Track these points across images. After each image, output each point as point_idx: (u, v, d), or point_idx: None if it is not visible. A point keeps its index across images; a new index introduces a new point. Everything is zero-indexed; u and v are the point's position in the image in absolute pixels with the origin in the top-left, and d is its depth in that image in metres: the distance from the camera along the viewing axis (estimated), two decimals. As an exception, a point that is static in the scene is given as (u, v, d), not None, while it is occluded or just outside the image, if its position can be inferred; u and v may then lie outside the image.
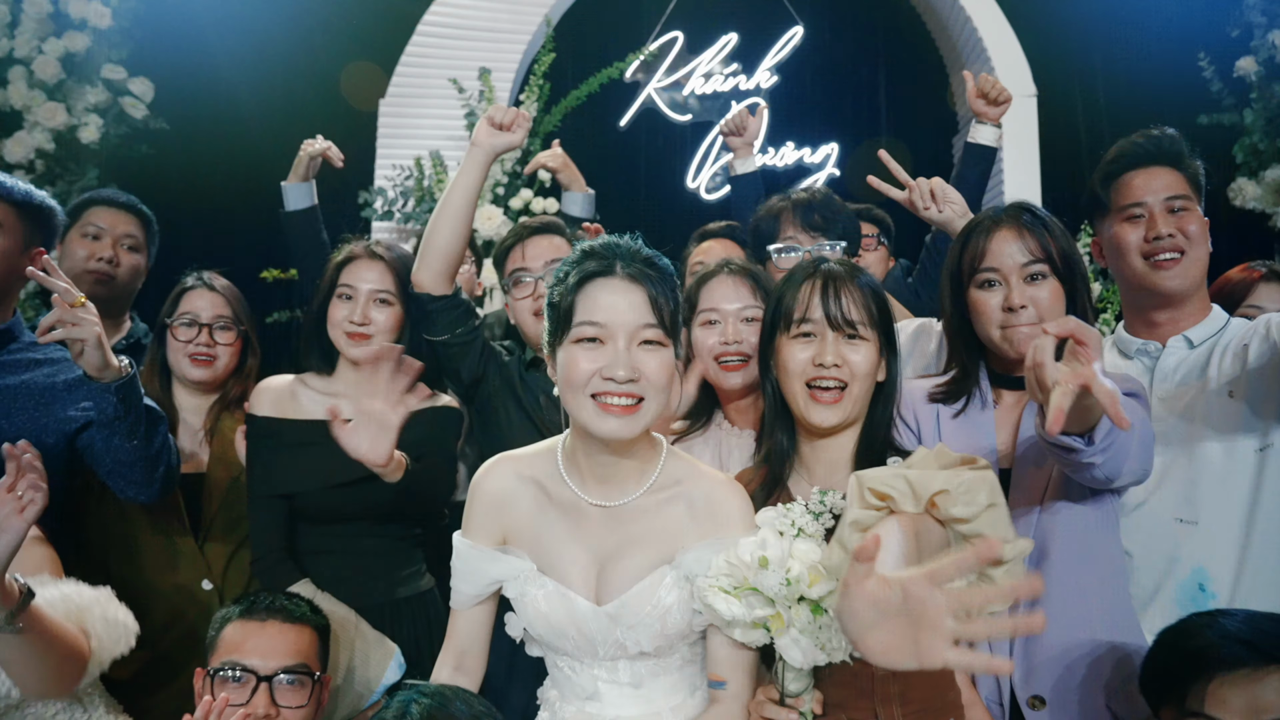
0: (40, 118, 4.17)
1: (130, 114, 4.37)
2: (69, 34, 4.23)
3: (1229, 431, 1.67)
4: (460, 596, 1.57)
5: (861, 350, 1.51)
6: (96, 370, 1.77)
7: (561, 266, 1.48)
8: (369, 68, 4.59)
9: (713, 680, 1.44)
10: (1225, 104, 4.37)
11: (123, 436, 1.82)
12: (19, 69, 4.20)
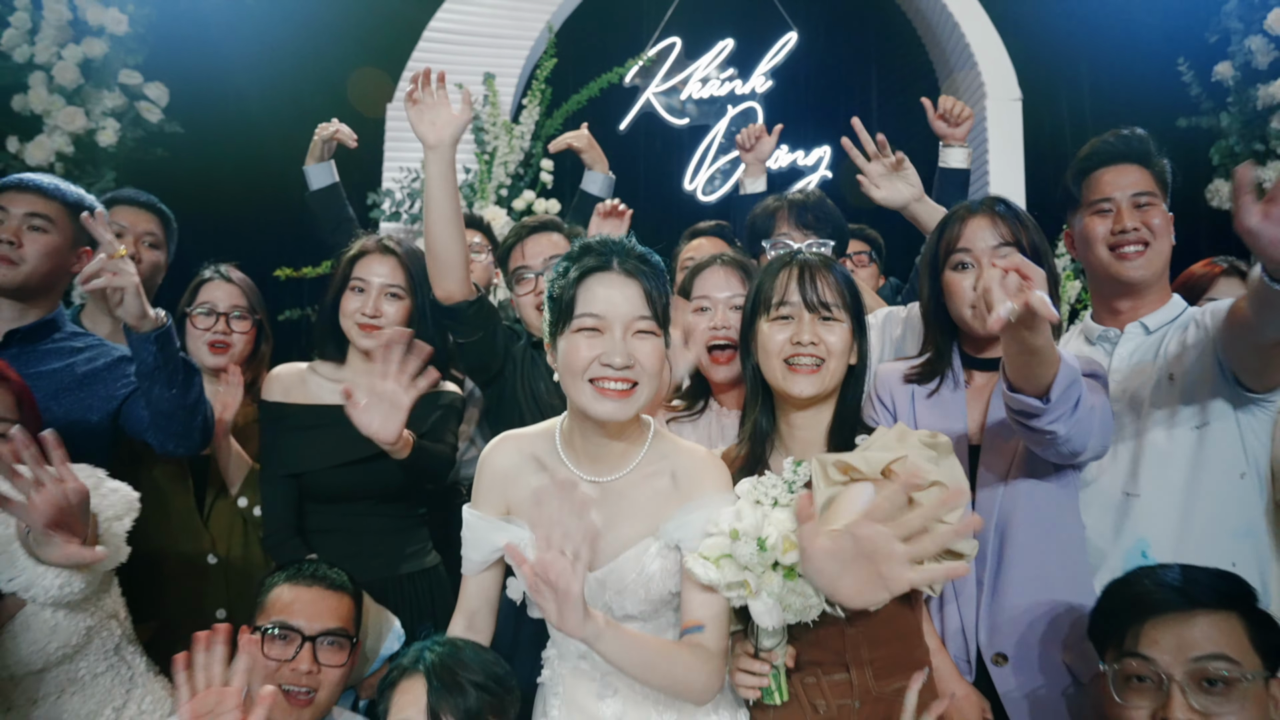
0: (60, 122, 4.25)
1: (146, 118, 4.45)
2: (87, 40, 4.31)
3: (1169, 412, 1.75)
4: (469, 563, 1.68)
5: (836, 330, 1.60)
6: (135, 319, 1.87)
7: (561, 262, 1.58)
8: (376, 74, 4.68)
9: (688, 626, 1.52)
10: (1204, 107, 4.45)
11: (163, 385, 1.92)
12: (39, 74, 4.28)
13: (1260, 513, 1.75)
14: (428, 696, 1.46)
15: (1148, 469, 1.76)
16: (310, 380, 2.18)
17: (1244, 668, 1.32)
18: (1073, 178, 2.09)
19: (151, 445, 2.03)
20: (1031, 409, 1.44)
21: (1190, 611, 1.36)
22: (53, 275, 2.08)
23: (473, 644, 1.55)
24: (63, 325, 2.10)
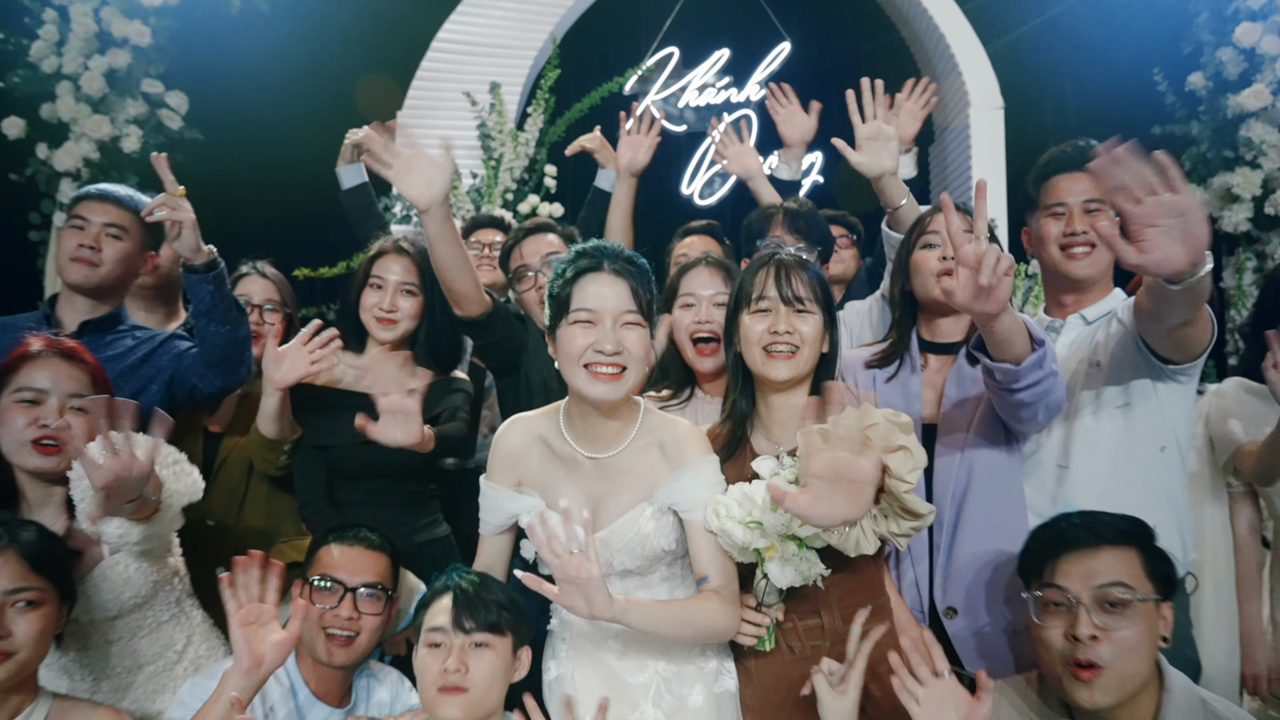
0: (87, 129, 4.49)
1: (167, 125, 4.69)
2: (112, 51, 4.55)
3: (1096, 394, 2.01)
4: (486, 525, 1.94)
5: (809, 321, 1.84)
6: (191, 251, 2.16)
7: (559, 264, 1.84)
8: (385, 82, 4.94)
9: (699, 577, 1.76)
10: (1178, 115, 4.70)
11: (218, 323, 2.20)
12: (66, 84, 4.53)
13: (1179, 482, 2.01)
14: (453, 608, 1.73)
15: (1078, 445, 2.02)
16: (337, 367, 2.43)
17: (1138, 592, 1.59)
18: (1032, 182, 2.34)
19: (200, 390, 2.29)
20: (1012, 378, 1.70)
21: (1096, 547, 1.63)
22: (124, 277, 2.37)
23: (494, 579, 1.82)
24: (125, 318, 2.39)
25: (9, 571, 1.65)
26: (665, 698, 1.82)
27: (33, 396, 1.87)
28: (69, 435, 1.82)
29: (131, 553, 1.87)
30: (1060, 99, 5.17)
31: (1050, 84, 5.14)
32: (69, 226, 2.33)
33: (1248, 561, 2.54)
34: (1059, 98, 5.17)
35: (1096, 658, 1.55)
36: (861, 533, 1.70)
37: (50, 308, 2.36)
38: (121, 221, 2.35)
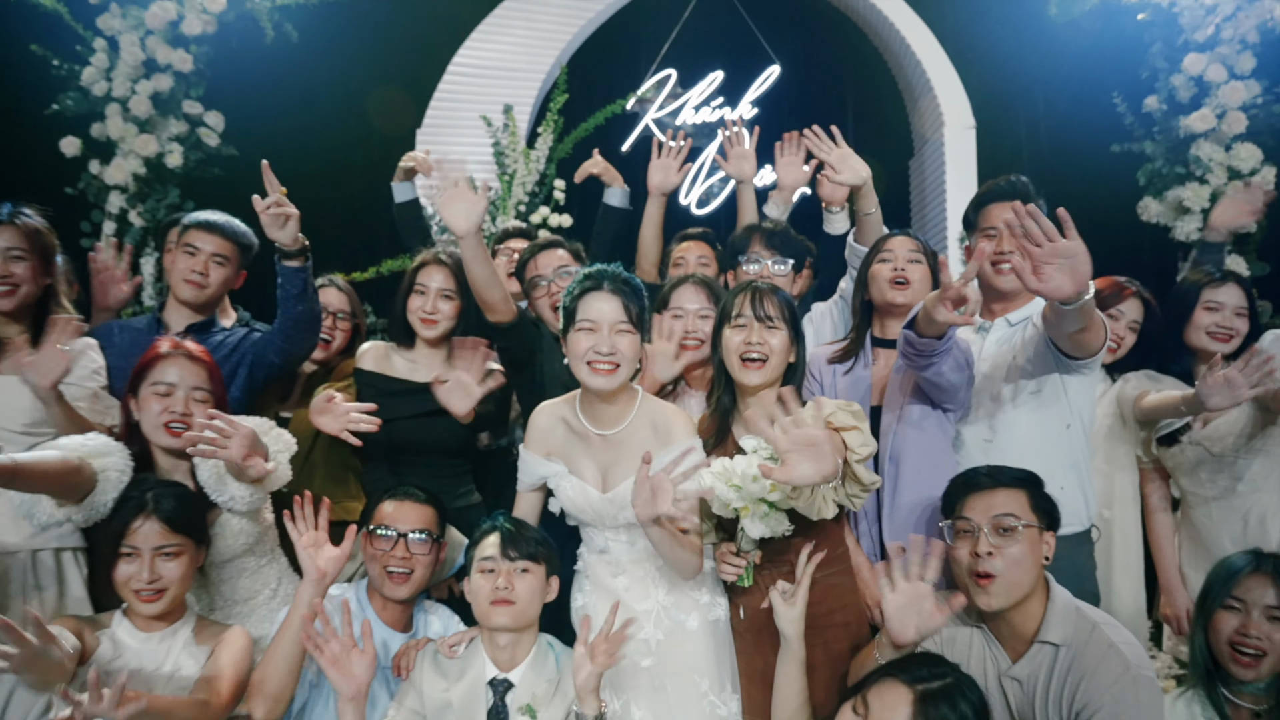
0: (135, 147, 4.98)
1: (206, 142, 5.16)
2: (156, 76, 5.04)
3: (1014, 382, 2.53)
4: (522, 484, 2.50)
5: (777, 336, 2.36)
6: (291, 240, 2.69)
7: (571, 284, 2.38)
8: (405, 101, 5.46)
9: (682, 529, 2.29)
10: (1135, 135, 5.17)
11: (306, 303, 2.75)
12: (115, 106, 5.02)
13: (1083, 452, 2.54)
14: (500, 542, 2.27)
15: (1000, 423, 2.55)
16: (393, 357, 2.96)
17: (1024, 520, 2.12)
18: (971, 207, 2.86)
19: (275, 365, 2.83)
20: (931, 348, 2.24)
21: (994, 488, 2.16)
22: (223, 293, 2.94)
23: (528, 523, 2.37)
24: (217, 321, 2.94)
25: (155, 534, 2.19)
26: (665, 621, 2.36)
27: (165, 389, 2.39)
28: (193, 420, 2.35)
29: (239, 512, 2.39)
30: (1033, 118, 5.68)
31: (1024, 105, 5.64)
32: (181, 250, 2.86)
33: (1159, 525, 3.08)
34: (1032, 117, 5.67)
35: (991, 569, 2.09)
36: (823, 501, 2.22)
37: (159, 312, 2.90)
38: (224, 251, 2.91)
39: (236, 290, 3.15)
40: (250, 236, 3.05)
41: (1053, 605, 2.14)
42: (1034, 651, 2.12)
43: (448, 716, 2.28)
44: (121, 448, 2.32)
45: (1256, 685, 2.17)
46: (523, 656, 2.32)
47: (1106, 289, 3.12)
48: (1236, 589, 2.20)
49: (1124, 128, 5.22)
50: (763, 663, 2.35)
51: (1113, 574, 2.91)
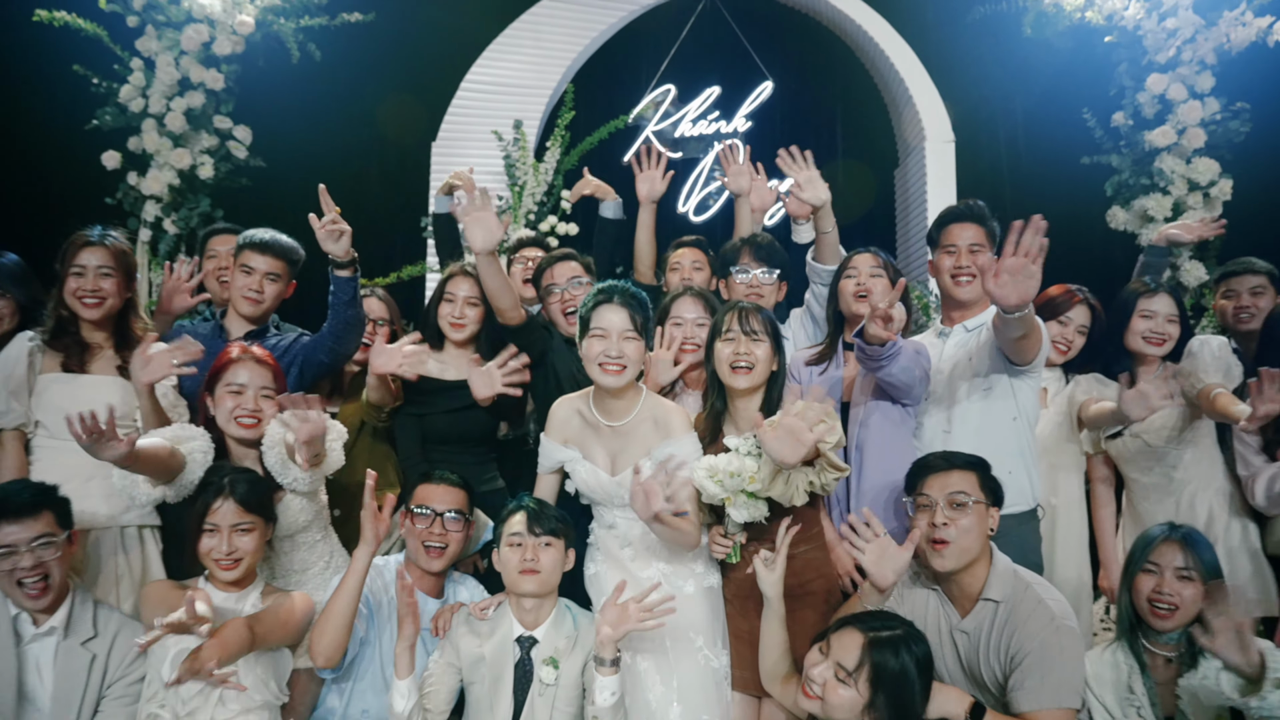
0: (170, 160, 5.36)
1: (235, 154, 5.54)
2: (190, 93, 5.42)
3: (969, 381, 2.93)
4: (542, 466, 2.91)
5: (761, 347, 2.76)
6: (344, 252, 3.08)
7: (586, 297, 2.79)
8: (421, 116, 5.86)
9: (679, 512, 2.68)
10: (1104, 148, 5.56)
11: (355, 309, 3.14)
12: (150, 121, 5.39)
13: (1028, 441, 2.93)
14: (527, 519, 2.66)
15: (955, 417, 2.95)
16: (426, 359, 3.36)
17: (973, 497, 2.51)
18: (934, 227, 3.23)
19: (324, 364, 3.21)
20: (877, 353, 2.65)
21: (949, 470, 2.56)
22: (274, 306, 3.33)
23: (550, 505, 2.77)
24: (269, 327, 3.32)
25: (232, 513, 2.59)
26: (664, 587, 2.75)
27: (237, 389, 2.79)
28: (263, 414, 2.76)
29: (300, 492, 2.79)
30: (1009, 132, 6.08)
31: (1001, 120, 6.05)
32: (239, 269, 3.25)
33: (1103, 508, 3.47)
34: (1008, 131, 6.08)
35: (946, 536, 2.49)
36: (795, 490, 2.62)
37: (221, 318, 3.30)
38: (276, 269, 3.29)
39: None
40: (298, 251, 3.43)
41: (995, 569, 2.54)
42: (979, 608, 2.53)
43: (480, 668, 2.69)
44: (205, 434, 2.73)
45: (1170, 636, 2.56)
46: (545, 617, 2.72)
47: (1058, 295, 3.49)
48: (1152, 555, 2.60)
49: (1094, 141, 5.61)
50: (748, 625, 2.75)
51: (1055, 549, 3.30)
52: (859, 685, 2.18)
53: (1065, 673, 2.38)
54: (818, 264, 3.36)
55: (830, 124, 6.40)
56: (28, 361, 2.93)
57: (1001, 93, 6.00)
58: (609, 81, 6.18)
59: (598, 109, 6.01)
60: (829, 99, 6.47)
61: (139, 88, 5.42)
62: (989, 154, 6.03)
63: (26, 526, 2.46)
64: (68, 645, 2.53)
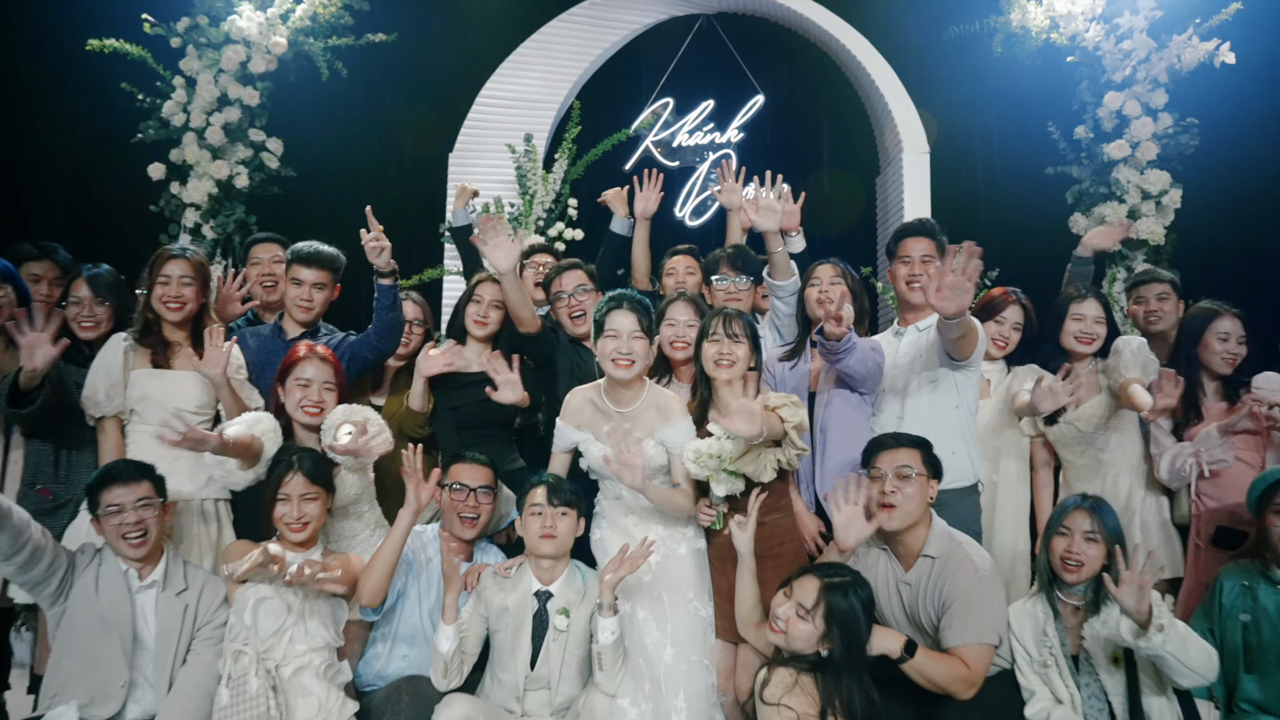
0: (210, 171, 5.89)
1: (268, 165, 6.07)
2: (227, 109, 5.93)
3: (918, 375, 3.48)
4: (556, 448, 3.45)
5: (740, 347, 3.28)
6: (386, 264, 3.61)
7: (601, 302, 3.32)
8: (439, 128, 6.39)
9: (675, 484, 3.24)
10: (1067, 159, 6.08)
11: (395, 312, 3.66)
12: (191, 135, 5.89)
13: (970, 426, 3.48)
14: (546, 492, 3.19)
15: (908, 406, 3.49)
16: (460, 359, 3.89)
17: (916, 470, 3.05)
18: (891, 240, 3.76)
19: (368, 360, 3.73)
20: (835, 348, 3.19)
21: (897, 447, 3.10)
22: (323, 311, 3.85)
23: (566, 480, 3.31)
24: (320, 328, 3.85)
25: (301, 484, 3.13)
26: (661, 549, 3.30)
27: (304, 382, 3.33)
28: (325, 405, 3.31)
29: (352, 469, 3.34)
30: (983, 143, 6.63)
31: (973, 132, 6.60)
32: (290, 281, 3.77)
33: (1041, 484, 4.00)
34: (983, 142, 6.64)
35: (894, 501, 3.03)
36: (764, 467, 3.16)
37: (279, 321, 3.83)
38: (323, 279, 3.81)
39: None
40: (339, 259, 3.94)
41: (933, 530, 3.09)
42: (920, 563, 3.08)
43: (504, 618, 3.24)
44: (274, 419, 3.28)
45: (1078, 588, 3.10)
46: (559, 574, 3.27)
47: (995, 297, 4.03)
48: (1065, 520, 3.13)
49: (1058, 153, 6.13)
50: (727, 583, 3.29)
51: (996, 520, 3.84)
52: (815, 620, 2.74)
53: (985, 615, 2.93)
54: (770, 279, 3.86)
55: (817, 135, 6.95)
56: (123, 359, 3.47)
57: (973, 107, 6.53)
58: (612, 95, 6.70)
59: (601, 121, 6.52)
60: (816, 112, 7.01)
61: (180, 104, 5.93)
62: (962, 164, 6.57)
63: (131, 490, 3.01)
64: (165, 596, 3.08)
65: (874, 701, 2.75)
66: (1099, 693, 3.00)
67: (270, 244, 4.35)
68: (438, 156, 6.39)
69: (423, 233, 6.32)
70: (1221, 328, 3.72)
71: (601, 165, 6.41)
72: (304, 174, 6.22)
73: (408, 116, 6.47)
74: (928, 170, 6.25)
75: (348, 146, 6.51)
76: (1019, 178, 6.27)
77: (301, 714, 2.99)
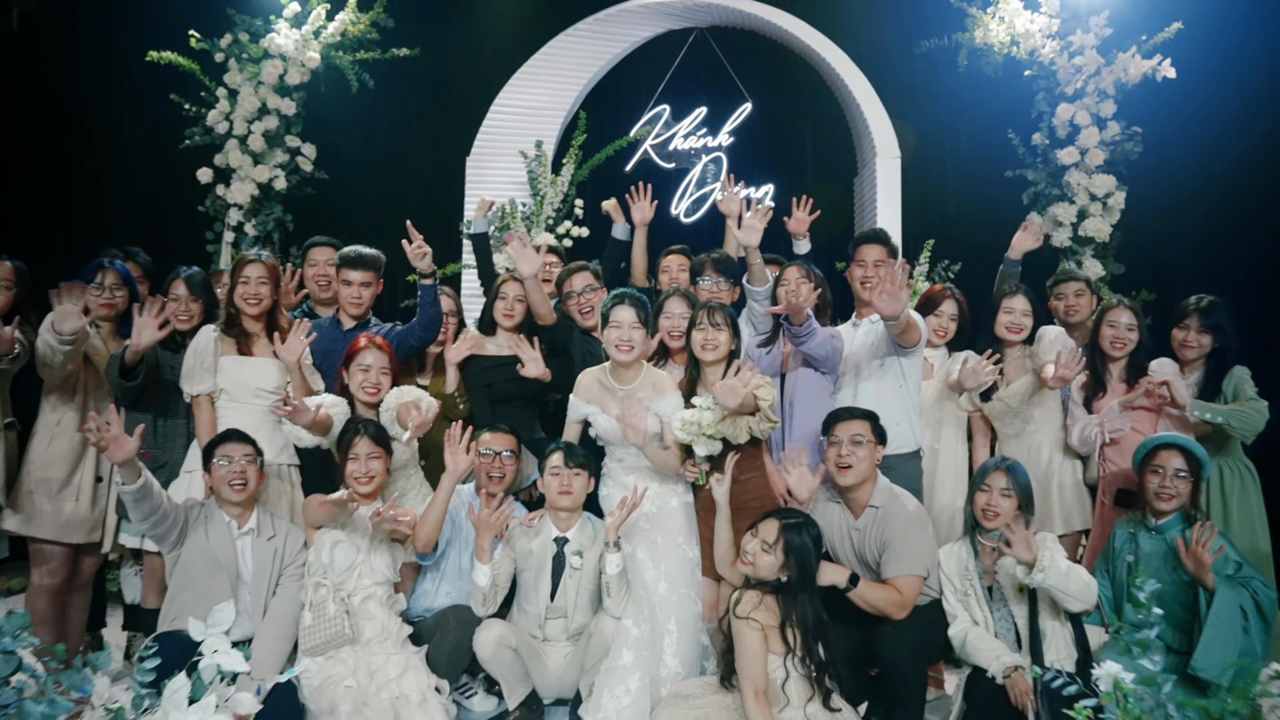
0: (251, 174, 6.67)
1: (302, 168, 6.84)
2: (266, 118, 6.70)
3: (870, 360, 4.27)
4: (570, 419, 4.24)
5: (722, 334, 4.06)
6: (428, 267, 4.40)
7: (608, 299, 4.11)
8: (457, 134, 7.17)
9: (665, 447, 4.04)
10: (1026, 163, 6.83)
11: (435, 307, 4.43)
12: (233, 141, 6.66)
13: (912, 402, 4.26)
14: (564, 455, 3.99)
15: (861, 386, 4.27)
16: (486, 342, 4.68)
17: (865, 437, 3.82)
18: (851, 245, 4.56)
19: (413, 348, 4.50)
20: (798, 332, 3.98)
21: (851, 419, 3.86)
22: (371, 305, 4.61)
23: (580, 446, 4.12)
24: (369, 320, 4.61)
25: (367, 445, 3.91)
26: (657, 501, 4.09)
27: (365, 368, 4.11)
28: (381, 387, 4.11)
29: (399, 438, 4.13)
30: (957, 149, 7.42)
31: (945, 138, 7.37)
32: (341, 281, 4.54)
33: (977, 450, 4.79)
34: (951, 147, 7.42)
35: (849, 462, 3.80)
36: (741, 432, 3.95)
37: (335, 314, 4.61)
38: (369, 279, 4.57)
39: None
40: (381, 258, 4.68)
41: (878, 486, 3.89)
42: (867, 512, 3.88)
43: (529, 559, 4.04)
44: (344, 400, 4.08)
45: (994, 533, 3.89)
46: (574, 524, 4.07)
47: (934, 294, 4.81)
48: (986, 479, 3.90)
49: (1017, 158, 6.84)
50: (708, 531, 4.09)
51: (937, 480, 4.64)
52: (776, 553, 3.54)
53: (916, 552, 3.73)
54: (749, 285, 4.61)
55: (801, 139, 7.72)
56: (212, 347, 4.26)
57: (941, 115, 7.30)
58: (613, 103, 7.48)
59: (604, 126, 7.28)
60: (800, 119, 7.77)
61: (224, 113, 6.69)
62: (931, 168, 7.33)
63: (239, 447, 3.80)
64: (259, 541, 3.87)
65: (823, 618, 3.55)
66: (1007, 616, 3.80)
67: (324, 248, 5.12)
68: (456, 161, 7.17)
69: (442, 231, 7.06)
70: (1111, 318, 4.51)
71: (605, 167, 7.17)
72: (335, 176, 6.99)
73: (428, 124, 7.27)
74: (899, 173, 7.01)
75: (374, 151, 7.31)
76: (981, 180, 7.05)
77: (368, 633, 3.80)
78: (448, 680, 3.88)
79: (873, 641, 3.68)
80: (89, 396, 4.29)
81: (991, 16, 6.81)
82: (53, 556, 4.19)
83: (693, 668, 3.95)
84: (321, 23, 6.80)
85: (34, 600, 4.20)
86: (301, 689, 3.63)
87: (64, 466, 4.17)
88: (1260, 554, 4.22)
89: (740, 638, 3.49)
